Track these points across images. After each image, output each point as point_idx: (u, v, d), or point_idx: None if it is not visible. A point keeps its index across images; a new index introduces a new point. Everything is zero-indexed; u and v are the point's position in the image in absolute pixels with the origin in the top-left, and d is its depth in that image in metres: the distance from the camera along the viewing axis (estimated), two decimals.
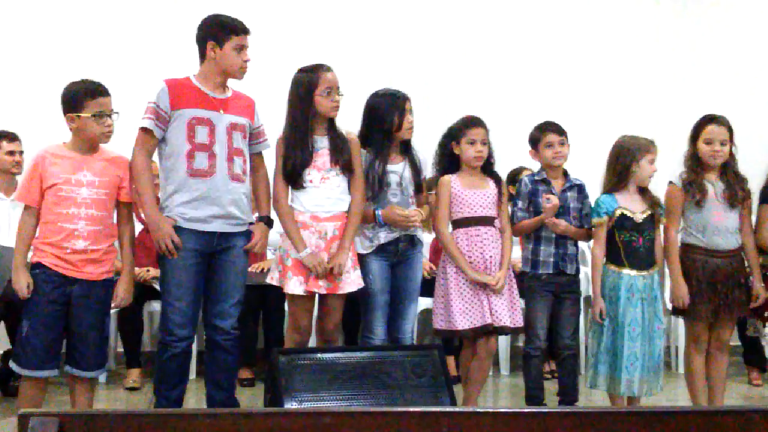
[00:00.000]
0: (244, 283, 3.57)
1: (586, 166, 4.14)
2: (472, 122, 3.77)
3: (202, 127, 3.37)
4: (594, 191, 3.91)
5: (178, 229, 3.37)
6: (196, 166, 3.36)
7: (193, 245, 3.38)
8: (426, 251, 4.57)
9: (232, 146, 3.42)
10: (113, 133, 3.37)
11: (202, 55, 3.46)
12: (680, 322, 4.62)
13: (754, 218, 3.87)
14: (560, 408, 2.75)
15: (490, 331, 3.71)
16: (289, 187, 3.63)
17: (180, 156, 3.36)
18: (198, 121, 3.37)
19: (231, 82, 3.54)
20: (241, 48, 3.43)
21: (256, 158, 3.62)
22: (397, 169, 3.72)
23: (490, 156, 3.81)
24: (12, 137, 4.56)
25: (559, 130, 3.86)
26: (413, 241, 3.78)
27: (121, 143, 3.48)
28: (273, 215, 3.69)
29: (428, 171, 3.92)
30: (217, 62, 3.42)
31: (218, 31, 3.41)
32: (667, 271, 3.82)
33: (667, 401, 4.13)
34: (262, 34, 5.06)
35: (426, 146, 3.91)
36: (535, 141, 3.87)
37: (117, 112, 3.35)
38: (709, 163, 3.72)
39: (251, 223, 3.56)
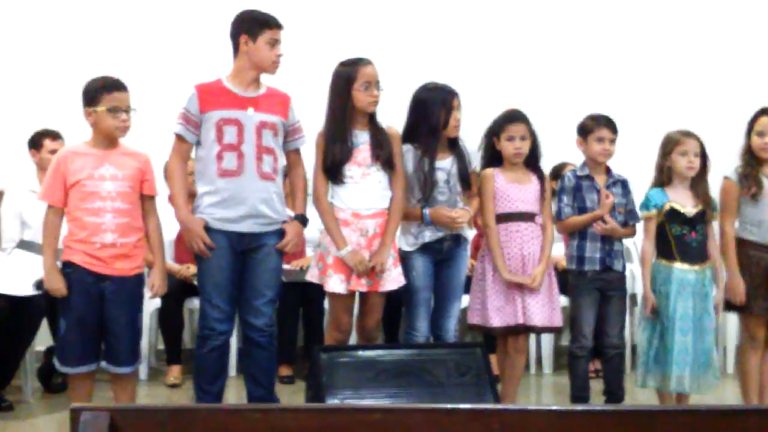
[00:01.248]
0: (279, 282, 3.57)
1: (631, 162, 4.06)
2: (511, 117, 3.70)
3: (230, 127, 3.39)
4: (638, 188, 3.83)
5: (209, 230, 3.40)
6: (225, 166, 3.39)
7: (225, 244, 3.40)
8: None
9: (261, 145, 3.42)
10: (129, 128, 3.40)
11: (236, 50, 3.47)
12: (730, 322, 4.50)
13: None
14: (608, 406, 2.69)
15: (521, 330, 3.66)
16: (330, 183, 3.60)
17: (210, 157, 3.40)
18: (226, 121, 3.39)
19: (269, 79, 3.53)
20: (275, 42, 3.43)
21: (293, 155, 3.62)
22: (445, 166, 3.67)
23: (535, 149, 3.74)
24: (55, 135, 4.58)
25: (614, 128, 3.78)
26: (458, 240, 3.73)
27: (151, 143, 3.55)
28: (312, 212, 3.67)
29: (475, 162, 3.85)
30: (250, 57, 3.42)
31: (251, 26, 3.42)
32: (720, 267, 3.72)
33: (716, 401, 4.02)
34: (304, 28, 5.10)
35: (471, 140, 3.85)
36: (586, 131, 3.79)
37: (134, 109, 3.40)
38: (761, 155, 3.63)
39: (285, 221, 3.54)
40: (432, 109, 3.61)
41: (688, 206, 3.62)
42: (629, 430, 1.63)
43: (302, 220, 3.61)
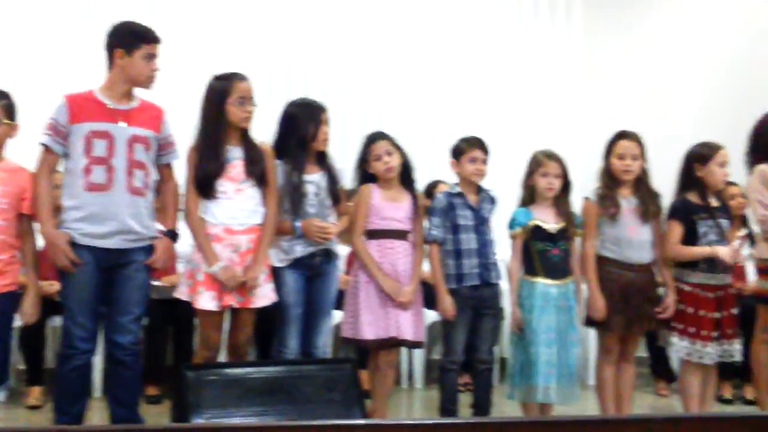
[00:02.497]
0: (146, 299, 3.51)
1: (501, 180, 4.20)
2: (372, 139, 3.78)
3: (99, 140, 3.31)
4: (510, 204, 3.97)
5: (74, 245, 3.30)
6: (93, 180, 3.30)
7: (91, 260, 3.31)
8: (342, 264, 4.54)
9: (133, 159, 3.35)
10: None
11: (110, 62, 3.38)
12: (591, 335, 4.70)
13: None
14: (470, 418, 2.75)
15: (393, 344, 3.71)
16: (202, 199, 3.55)
17: (77, 170, 3.31)
18: (95, 134, 3.31)
19: (141, 91, 3.46)
20: (151, 57, 3.37)
21: (165, 169, 3.55)
22: (314, 179, 3.68)
23: (407, 166, 3.81)
24: None
25: (485, 149, 3.89)
26: (329, 255, 3.74)
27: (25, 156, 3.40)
28: (183, 228, 3.60)
29: (347, 181, 3.90)
30: (125, 71, 3.35)
31: (128, 39, 3.35)
32: (581, 282, 3.88)
33: (577, 412, 4.18)
34: (178, 42, 5.02)
35: (343, 157, 3.89)
36: (459, 153, 3.89)
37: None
38: (621, 178, 3.80)
39: (155, 237, 3.47)
40: (301, 123, 3.64)
41: (550, 223, 3.77)
42: None
43: (172, 235, 3.55)
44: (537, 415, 3.72)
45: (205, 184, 3.50)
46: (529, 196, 3.81)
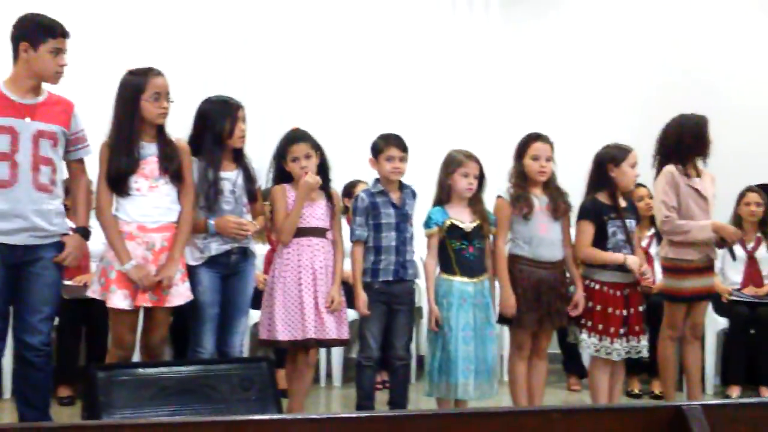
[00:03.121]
0: (57, 297, 3.43)
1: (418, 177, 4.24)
2: (293, 139, 3.77)
3: (2, 135, 3.23)
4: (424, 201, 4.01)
5: None
6: None
7: None
8: (260, 263, 4.52)
9: (38, 154, 3.27)
10: None
11: (15, 56, 3.29)
12: (505, 332, 4.79)
13: (573, 232, 4.07)
14: (382, 412, 2.78)
15: (311, 344, 3.73)
16: (114, 196, 3.49)
17: None
18: None
19: (51, 86, 3.38)
20: (58, 52, 3.29)
21: (76, 165, 3.49)
22: (230, 177, 3.66)
23: (323, 166, 3.82)
24: None
25: (403, 146, 3.91)
26: (246, 253, 3.72)
27: None
28: (96, 225, 3.53)
29: (262, 181, 3.88)
30: (30, 65, 3.27)
31: (33, 33, 3.26)
32: (494, 280, 3.96)
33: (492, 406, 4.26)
34: (90, 34, 4.90)
35: (262, 155, 3.87)
36: (377, 151, 3.91)
37: None
38: (536, 179, 3.89)
39: (66, 234, 3.40)
40: (216, 120, 3.61)
41: (466, 222, 3.83)
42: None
43: (84, 232, 3.48)
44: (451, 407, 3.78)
45: (118, 180, 3.44)
46: (446, 195, 3.86)
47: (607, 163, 3.94)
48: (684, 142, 4.10)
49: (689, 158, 4.12)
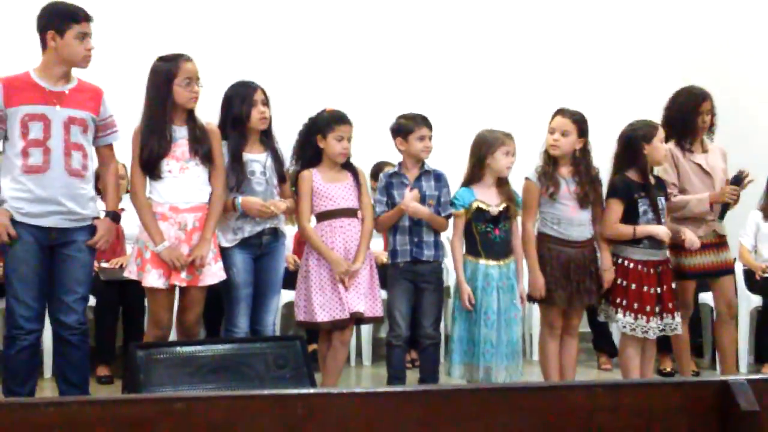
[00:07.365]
0: (90, 278, 3.53)
1: (449, 158, 4.25)
2: (341, 119, 3.81)
3: (35, 123, 3.32)
4: (455, 183, 4.03)
5: (14, 223, 3.32)
6: (31, 163, 3.32)
7: (31, 239, 3.33)
8: (290, 243, 4.57)
9: (69, 141, 3.36)
10: None
11: (44, 46, 3.37)
12: (535, 311, 4.81)
13: None
14: (412, 387, 2.80)
15: (347, 323, 3.78)
16: (147, 179, 3.56)
17: (16, 153, 3.33)
18: (31, 117, 3.32)
19: (80, 72, 3.45)
20: (84, 36, 3.36)
21: (105, 150, 3.57)
22: (260, 159, 3.71)
23: None
24: None
25: (430, 125, 3.95)
26: (276, 234, 3.78)
27: None
28: (131, 208, 3.61)
29: (287, 163, 3.91)
30: (59, 52, 3.34)
31: (58, 21, 3.34)
32: (522, 261, 3.97)
33: None
34: (121, 21, 4.96)
35: (287, 138, 3.91)
36: (407, 131, 3.93)
37: None
38: (550, 152, 3.87)
39: (97, 218, 3.49)
40: (234, 103, 3.67)
41: (492, 205, 3.84)
42: (428, 408, 1.74)
43: (114, 216, 3.57)
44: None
45: (150, 164, 3.51)
46: (479, 175, 3.86)
47: (640, 141, 3.89)
48: (672, 117, 4.09)
49: (686, 134, 4.09)
